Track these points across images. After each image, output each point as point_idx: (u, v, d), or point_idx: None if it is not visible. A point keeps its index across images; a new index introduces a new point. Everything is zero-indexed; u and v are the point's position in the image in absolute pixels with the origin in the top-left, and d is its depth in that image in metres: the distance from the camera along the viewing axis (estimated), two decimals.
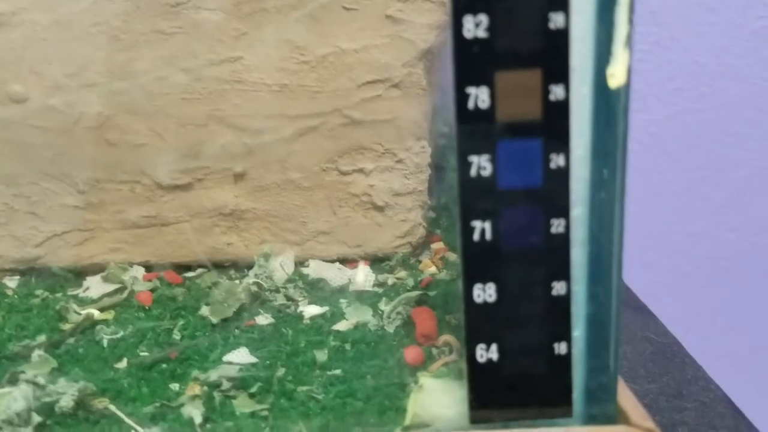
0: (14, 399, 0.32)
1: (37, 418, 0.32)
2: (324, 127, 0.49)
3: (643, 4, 0.88)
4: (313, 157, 0.49)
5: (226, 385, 0.35)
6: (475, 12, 0.26)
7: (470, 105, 0.27)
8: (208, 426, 0.33)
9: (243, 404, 0.34)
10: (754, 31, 0.90)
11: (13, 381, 0.34)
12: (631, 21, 0.26)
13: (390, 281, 0.48)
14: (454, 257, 0.51)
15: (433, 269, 0.50)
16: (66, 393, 0.33)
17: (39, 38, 0.47)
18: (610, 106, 0.27)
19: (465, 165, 0.27)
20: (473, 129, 0.27)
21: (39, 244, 0.50)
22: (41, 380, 0.34)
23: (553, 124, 0.27)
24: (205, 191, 0.50)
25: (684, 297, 0.96)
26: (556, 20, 0.26)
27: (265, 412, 0.34)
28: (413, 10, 0.48)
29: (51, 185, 0.49)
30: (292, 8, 0.47)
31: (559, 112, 0.27)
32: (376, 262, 0.51)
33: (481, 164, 0.27)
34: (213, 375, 0.35)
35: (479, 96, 0.26)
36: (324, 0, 0.47)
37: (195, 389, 0.35)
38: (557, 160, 0.27)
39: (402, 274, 0.49)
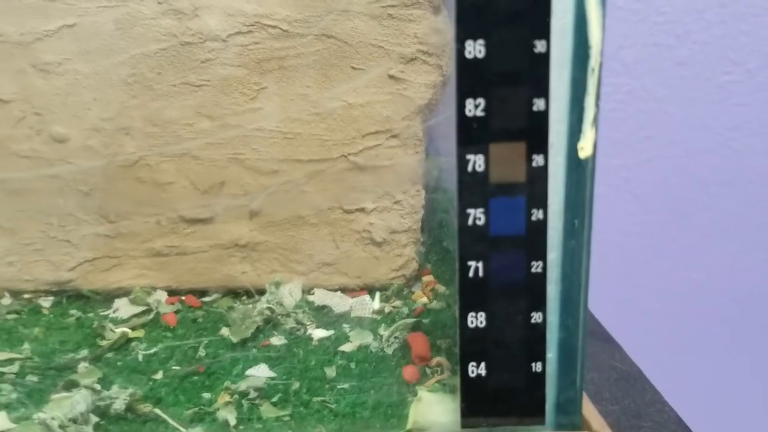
0: (77, 402, 0.38)
1: (94, 419, 0.38)
2: (331, 171, 0.54)
3: (618, 58, 0.92)
4: (321, 197, 0.54)
5: (253, 394, 0.41)
6: (475, 96, 0.32)
7: (469, 168, 0.33)
8: (242, 427, 0.39)
9: (268, 411, 0.40)
10: (720, 84, 0.94)
11: (68, 388, 0.40)
12: (597, 105, 0.33)
13: (387, 309, 0.54)
14: (443, 289, 0.57)
15: (424, 299, 0.55)
16: (119, 398, 0.39)
17: (81, 86, 0.52)
18: (579, 172, 0.34)
19: (464, 216, 0.34)
20: (471, 187, 0.33)
21: (72, 268, 0.55)
22: (97, 386, 0.39)
23: (534, 185, 0.33)
24: (223, 225, 0.55)
25: (649, 330, 1.01)
26: (539, 104, 0.32)
27: (287, 418, 0.40)
28: (413, 71, 0.53)
29: (85, 216, 0.54)
30: (308, 67, 0.53)
31: (539, 176, 0.33)
32: (374, 291, 0.56)
33: (477, 215, 0.34)
34: (242, 385, 0.41)
35: (476, 161, 0.33)
36: (335, 60, 0.53)
37: (227, 397, 0.41)
38: (537, 214, 0.34)
39: (397, 303, 0.54)
